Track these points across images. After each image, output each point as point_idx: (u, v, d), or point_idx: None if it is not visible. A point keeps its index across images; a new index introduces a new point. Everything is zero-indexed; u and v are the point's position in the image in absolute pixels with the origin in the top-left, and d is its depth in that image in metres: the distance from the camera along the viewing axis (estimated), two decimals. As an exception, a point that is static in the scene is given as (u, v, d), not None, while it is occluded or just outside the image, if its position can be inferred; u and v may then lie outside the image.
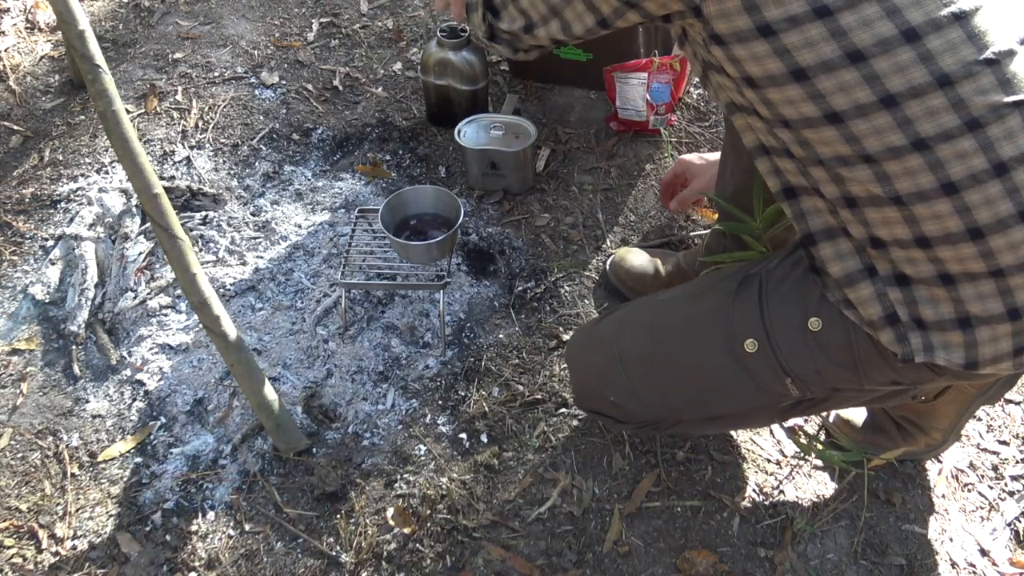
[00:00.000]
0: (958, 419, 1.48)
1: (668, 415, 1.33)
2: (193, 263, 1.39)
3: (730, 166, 1.51)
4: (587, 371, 1.37)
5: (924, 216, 0.93)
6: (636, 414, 1.32)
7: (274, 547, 1.46)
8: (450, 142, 2.22)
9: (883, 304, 1.00)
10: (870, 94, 0.90)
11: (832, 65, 0.90)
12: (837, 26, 0.89)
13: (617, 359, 1.29)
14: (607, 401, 1.32)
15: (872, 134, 0.92)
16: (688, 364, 1.23)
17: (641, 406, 1.30)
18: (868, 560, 1.44)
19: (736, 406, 1.28)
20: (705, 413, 1.34)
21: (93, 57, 1.28)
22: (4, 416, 1.66)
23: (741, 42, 0.94)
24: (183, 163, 2.17)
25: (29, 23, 2.62)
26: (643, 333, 1.30)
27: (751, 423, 1.46)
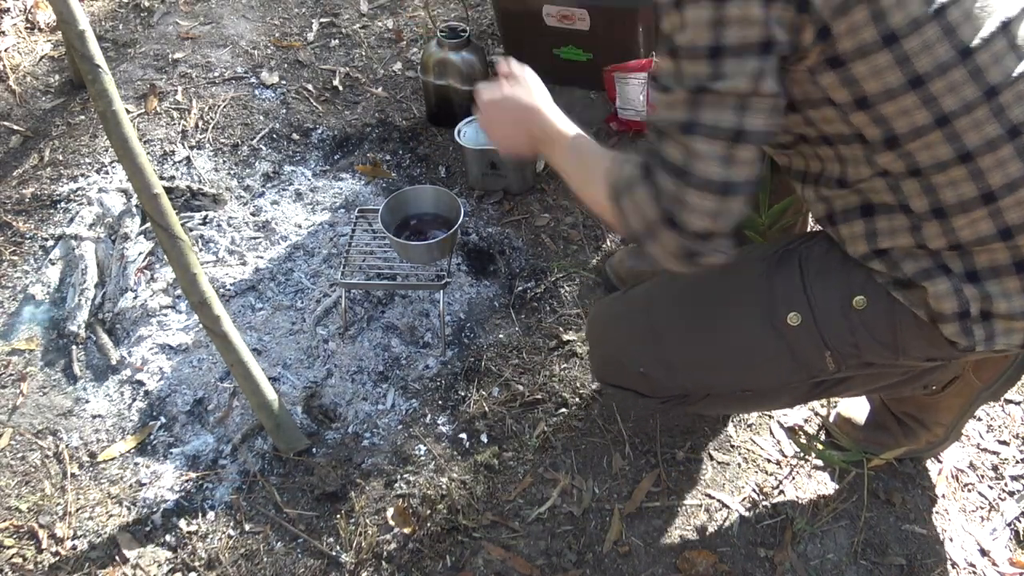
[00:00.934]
0: (961, 415, 1.48)
1: (698, 388, 1.31)
2: (193, 263, 1.39)
3: None
4: (615, 341, 1.33)
5: (1009, 206, 0.98)
6: (665, 386, 1.30)
7: (274, 547, 1.46)
8: (450, 142, 2.22)
9: (959, 300, 1.03)
10: (975, 90, 0.95)
11: (945, 66, 0.94)
12: (947, 23, 0.94)
13: (649, 328, 1.28)
14: (635, 373, 1.29)
15: (972, 128, 0.96)
16: (726, 334, 1.22)
17: (672, 377, 1.28)
18: (868, 560, 1.44)
19: (770, 379, 1.27)
20: (736, 385, 1.31)
21: (93, 57, 1.28)
22: (4, 416, 1.66)
23: (863, 57, 0.95)
24: (183, 163, 2.17)
25: (29, 23, 2.62)
26: (676, 303, 1.28)
27: (778, 401, 1.43)
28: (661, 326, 1.28)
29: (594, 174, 1.10)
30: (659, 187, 0.98)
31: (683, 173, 0.96)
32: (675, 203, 0.97)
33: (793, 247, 1.20)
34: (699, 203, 0.96)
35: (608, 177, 1.05)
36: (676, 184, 0.97)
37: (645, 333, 1.28)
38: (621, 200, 1.03)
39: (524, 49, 2.34)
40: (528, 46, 2.31)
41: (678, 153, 0.97)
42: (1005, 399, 1.69)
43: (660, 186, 0.98)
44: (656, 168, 0.99)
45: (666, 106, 0.98)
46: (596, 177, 1.09)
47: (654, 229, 1.00)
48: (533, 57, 2.33)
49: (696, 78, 0.94)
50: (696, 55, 0.93)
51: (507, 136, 1.30)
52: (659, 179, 0.98)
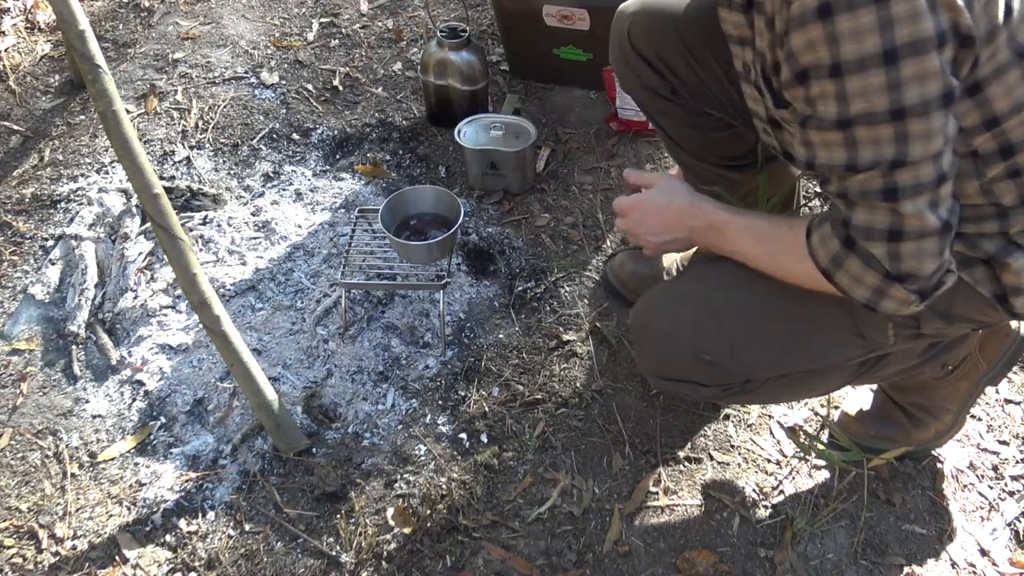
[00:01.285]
0: (966, 400, 1.50)
1: (761, 371, 1.27)
2: (193, 263, 1.39)
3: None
4: (673, 330, 1.27)
5: None
6: (729, 373, 1.25)
7: (274, 547, 1.46)
8: (450, 142, 2.22)
9: None
10: None
11: None
12: None
13: (710, 312, 1.24)
14: (700, 361, 1.24)
15: None
16: (792, 311, 1.21)
17: (737, 362, 1.24)
18: (868, 560, 1.44)
19: (832, 356, 1.26)
20: (800, 365, 1.28)
21: (93, 57, 1.28)
22: (4, 416, 1.66)
23: (998, 76, 0.96)
24: (183, 163, 2.17)
25: (29, 23, 2.62)
26: (735, 284, 1.24)
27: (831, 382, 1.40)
28: (724, 310, 1.24)
29: (785, 249, 1.12)
30: (871, 254, 0.99)
31: (895, 234, 0.96)
32: (895, 260, 0.98)
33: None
34: (921, 249, 0.97)
35: (815, 257, 1.06)
36: (890, 245, 0.97)
37: (707, 318, 1.24)
38: (835, 277, 1.04)
39: (524, 49, 2.34)
40: (528, 46, 2.31)
41: (884, 217, 0.96)
42: (1005, 399, 1.69)
43: (872, 252, 0.99)
44: (859, 238, 0.99)
45: (857, 182, 0.96)
46: (788, 252, 1.11)
47: (882, 290, 1.01)
48: (533, 57, 2.36)
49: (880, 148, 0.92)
50: (875, 122, 0.91)
51: (664, 236, 1.29)
52: (868, 247, 0.99)
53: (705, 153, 1.57)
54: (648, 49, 1.44)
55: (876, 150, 0.93)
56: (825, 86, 0.92)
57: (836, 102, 0.92)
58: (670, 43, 1.42)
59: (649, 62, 1.45)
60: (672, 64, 1.43)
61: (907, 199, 0.94)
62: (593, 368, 1.72)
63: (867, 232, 0.98)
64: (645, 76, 1.47)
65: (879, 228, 0.97)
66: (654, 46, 1.44)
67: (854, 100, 0.91)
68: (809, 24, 0.90)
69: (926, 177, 0.93)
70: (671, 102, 1.49)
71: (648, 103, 1.54)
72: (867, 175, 0.95)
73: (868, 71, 0.88)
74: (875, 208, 0.97)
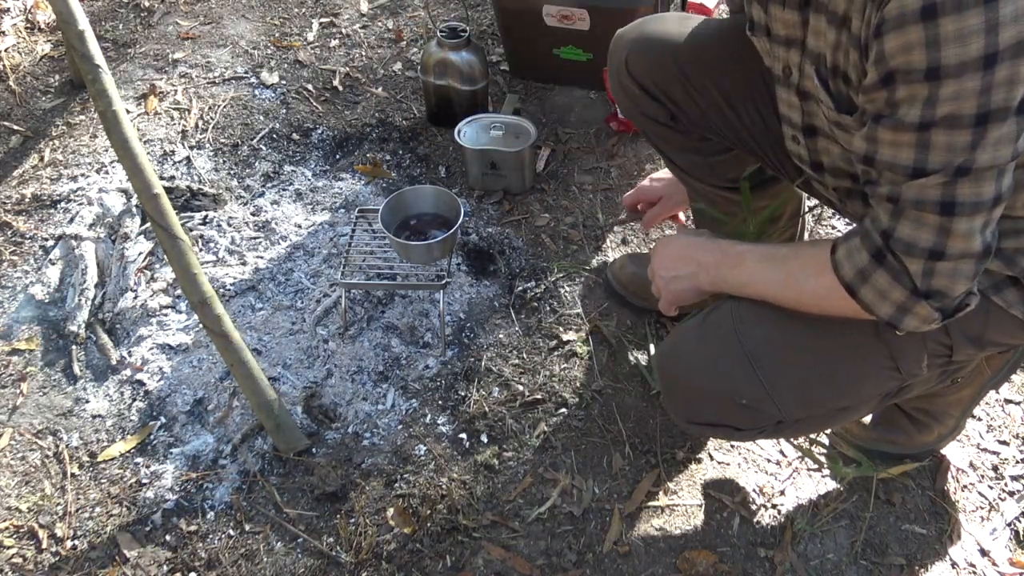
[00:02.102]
0: (970, 404, 1.50)
1: (799, 410, 1.21)
2: (193, 263, 1.39)
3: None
4: (707, 377, 1.20)
5: None
6: (767, 415, 1.19)
7: (274, 547, 1.46)
8: (450, 142, 2.22)
9: None
10: None
11: None
12: None
13: (742, 354, 1.16)
14: (735, 405, 1.18)
15: None
16: (826, 346, 1.16)
17: (773, 404, 1.17)
18: (868, 560, 1.44)
19: (868, 390, 1.21)
20: (836, 402, 1.23)
21: (93, 57, 1.28)
22: (4, 416, 1.66)
23: None
24: (183, 163, 2.17)
25: (29, 23, 2.62)
26: (767, 323, 1.17)
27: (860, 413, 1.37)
28: (758, 350, 1.16)
29: (804, 267, 1.09)
30: (904, 268, 0.96)
31: (937, 254, 0.93)
32: (928, 277, 0.95)
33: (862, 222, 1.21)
34: (958, 269, 0.94)
35: (839, 271, 1.02)
36: (928, 263, 0.94)
37: (741, 361, 1.16)
38: (859, 291, 1.01)
39: (524, 49, 2.34)
40: (528, 46, 2.31)
41: (929, 235, 0.93)
42: (1005, 399, 1.69)
43: (907, 267, 0.96)
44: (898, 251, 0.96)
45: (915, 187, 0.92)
46: (807, 268, 1.08)
47: (907, 306, 0.98)
48: (533, 57, 2.36)
49: (952, 154, 0.88)
50: (957, 126, 0.87)
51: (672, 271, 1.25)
52: (904, 261, 0.96)
53: (710, 176, 1.55)
54: (646, 77, 1.43)
55: (948, 155, 0.89)
56: (916, 89, 0.87)
57: (923, 105, 0.88)
58: (668, 71, 1.40)
59: (647, 90, 1.44)
60: (670, 92, 1.42)
61: (963, 216, 0.91)
62: (593, 368, 1.72)
63: (908, 247, 0.95)
64: (643, 104, 1.46)
65: (922, 245, 0.94)
66: (651, 74, 1.42)
67: (943, 104, 0.86)
68: (909, 25, 0.85)
69: (987, 194, 0.90)
70: (671, 128, 1.48)
71: (648, 129, 1.53)
72: (927, 180, 0.91)
73: (965, 75, 0.84)
74: (923, 223, 0.93)
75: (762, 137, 1.40)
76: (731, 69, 1.36)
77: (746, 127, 1.39)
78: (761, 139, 1.40)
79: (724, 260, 1.18)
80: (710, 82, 1.38)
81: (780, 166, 1.43)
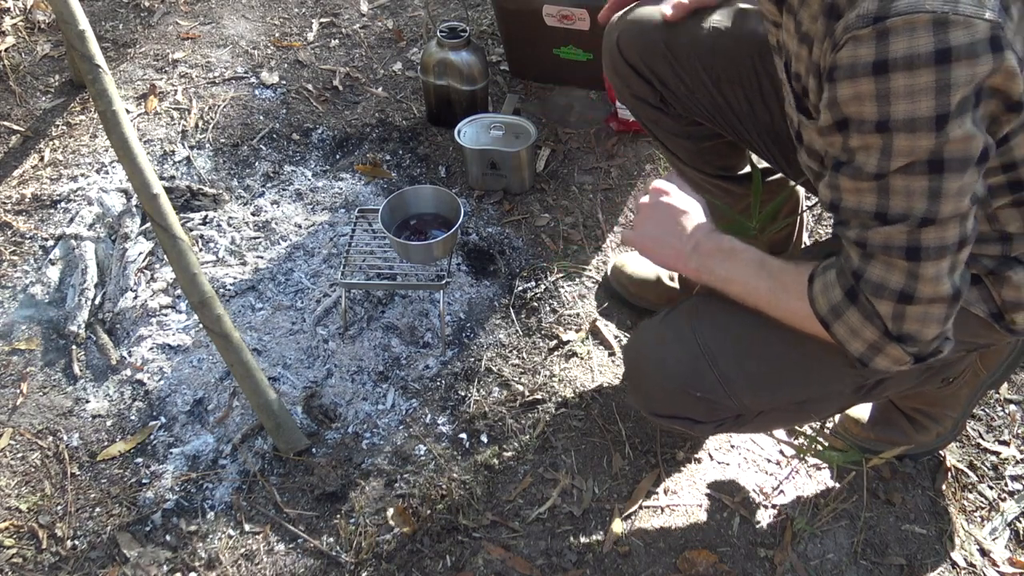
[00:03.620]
0: (968, 404, 1.50)
1: (755, 404, 1.24)
2: (193, 263, 1.39)
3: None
4: (664, 368, 1.24)
5: None
6: (722, 408, 1.23)
7: (274, 547, 1.46)
8: (450, 142, 2.22)
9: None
10: None
11: None
12: None
13: (699, 348, 1.20)
14: (691, 398, 1.22)
15: None
16: (783, 343, 1.18)
17: (729, 397, 1.21)
18: (868, 560, 1.44)
19: (827, 386, 1.23)
20: (794, 397, 1.26)
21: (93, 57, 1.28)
22: (4, 416, 1.66)
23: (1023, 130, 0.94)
24: (183, 163, 2.17)
25: (29, 23, 2.62)
26: (727, 321, 1.21)
27: (826, 411, 1.38)
28: (715, 345, 1.20)
29: (787, 286, 1.08)
30: (875, 310, 0.97)
31: (906, 297, 0.94)
32: (899, 321, 0.96)
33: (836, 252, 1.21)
34: (928, 314, 0.95)
35: (814, 304, 1.03)
36: (897, 306, 0.95)
37: (698, 355, 1.20)
38: (832, 327, 1.02)
39: (524, 49, 2.34)
40: (528, 46, 2.31)
41: (899, 278, 0.94)
42: (1005, 399, 1.69)
43: (877, 309, 0.96)
44: (867, 292, 0.97)
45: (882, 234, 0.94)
46: (791, 288, 1.07)
47: (879, 346, 0.99)
48: (533, 57, 2.36)
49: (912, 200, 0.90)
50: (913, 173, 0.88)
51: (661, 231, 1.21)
52: (875, 304, 0.96)
53: (700, 163, 1.56)
54: (636, 58, 1.44)
55: (908, 203, 0.90)
56: (869, 140, 0.89)
57: (878, 155, 0.89)
58: (657, 52, 1.41)
59: (637, 71, 1.45)
60: (660, 73, 1.42)
61: (929, 261, 0.92)
62: (593, 368, 1.72)
63: (878, 289, 0.96)
64: (634, 85, 1.46)
65: (892, 288, 0.95)
66: (642, 55, 1.43)
67: (897, 157, 0.88)
68: (861, 78, 0.86)
69: (951, 239, 0.91)
70: (661, 111, 1.48)
71: (639, 112, 1.53)
72: (893, 228, 0.92)
73: (918, 132, 0.85)
74: (892, 266, 0.94)
75: (750, 123, 1.41)
76: (720, 52, 1.38)
77: (735, 112, 1.40)
78: (749, 125, 1.41)
79: (719, 250, 1.16)
80: (699, 64, 1.39)
81: (768, 154, 1.44)
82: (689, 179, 1.61)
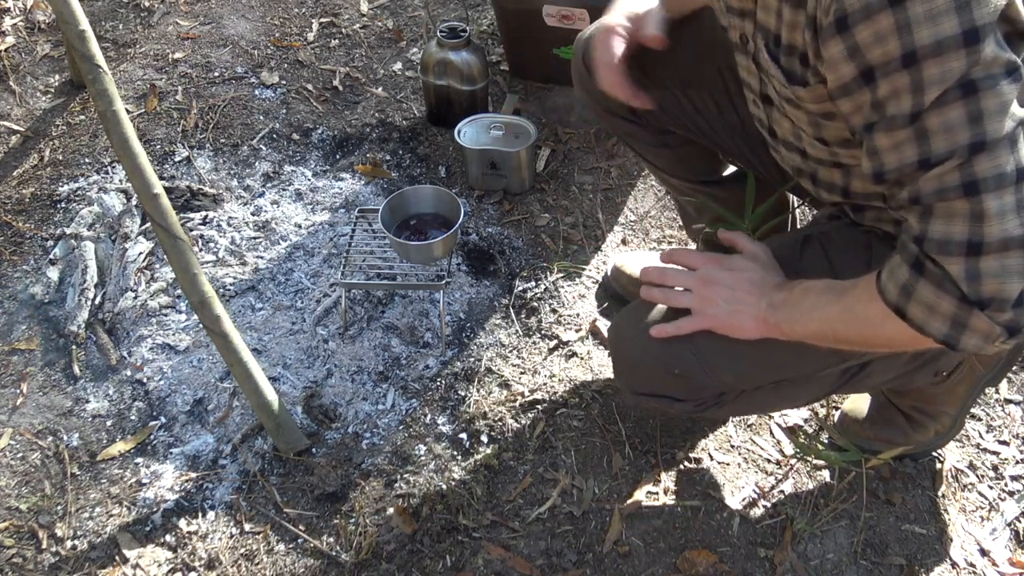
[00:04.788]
0: (965, 402, 1.49)
1: (734, 382, 1.24)
2: (193, 263, 1.39)
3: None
4: (644, 346, 1.23)
5: None
6: (701, 386, 1.23)
7: (274, 547, 1.46)
8: (450, 142, 2.22)
9: None
10: None
11: None
12: None
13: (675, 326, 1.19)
14: (670, 375, 1.21)
15: None
16: None
17: (708, 375, 1.20)
18: (868, 560, 1.44)
19: (805, 365, 1.21)
20: (773, 376, 1.24)
21: (93, 57, 1.28)
22: (4, 416, 1.66)
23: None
24: (183, 163, 2.17)
25: (29, 23, 2.62)
26: None
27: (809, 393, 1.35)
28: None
29: (862, 297, 0.99)
30: (946, 272, 0.88)
31: (975, 246, 0.86)
32: (974, 281, 0.86)
33: (809, 232, 1.22)
34: (1005, 266, 0.86)
35: (884, 294, 0.94)
36: (969, 260, 0.86)
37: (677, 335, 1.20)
38: (907, 310, 0.92)
39: (524, 49, 2.34)
40: (528, 46, 2.31)
41: (961, 226, 0.86)
42: (1005, 399, 1.69)
43: (948, 270, 0.87)
44: (933, 253, 0.88)
45: (933, 179, 0.87)
46: (865, 299, 0.98)
47: (961, 319, 0.89)
48: (533, 57, 2.36)
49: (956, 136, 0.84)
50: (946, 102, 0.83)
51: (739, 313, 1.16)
52: (944, 264, 0.88)
53: (681, 170, 1.56)
54: None
55: (951, 138, 0.84)
56: (897, 81, 0.85)
57: (911, 95, 0.84)
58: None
59: None
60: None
61: (989, 193, 0.84)
62: (593, 368, 1.72)
63: (943, 246, 0.87)
64: (602, 99, 1.44)
65: (957, 240, 0.86)
66: None
67: (930, 89, 0.83)
68: (878, 14, 0.83)
69: (1007, 166, 0.84)
70: (635, 124, 1.47)
71: (615, 127, 1.52)
72: (943, 168, 0.85)
73: (946, 54, 0.81)
74: (954, 216, 0.87)
75: (719, 126, 1.41)
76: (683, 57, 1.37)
77: (704, 116, 1.41)
78: (719, 128, 1.41)
79: (790, 295, 1.10)
80: (664, 72, 1.39)
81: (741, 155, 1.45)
82: (674, 187, 1.63)
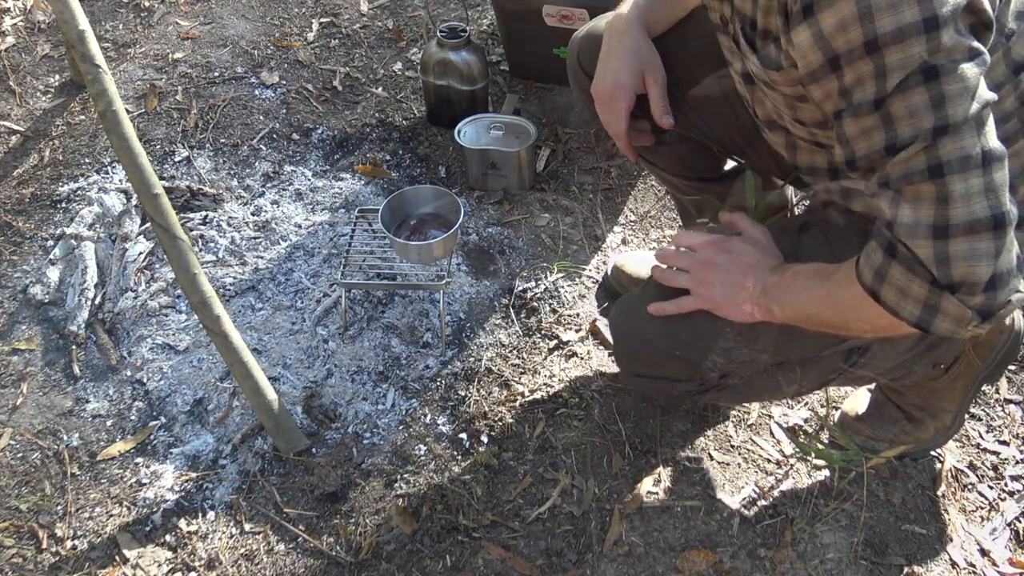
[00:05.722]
0: (964, 399, 1.49)
1: (735, 365, 1.23)
2: (193, 263, 1.39)
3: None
4: (645, 326, 1.24)
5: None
6: (701, 367, 1.22)
7: (274, 547, 1.46)
8: (450, 142, 2.22)
9: None
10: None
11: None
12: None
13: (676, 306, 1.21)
14: (670, 357, 1.22)
15: None
16: None
17: (708, 355, 1.21)
18: (868, 560, 1.44)
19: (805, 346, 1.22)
20: (774, 357, 1.24)
21: (93, 57, 1.28)
22: (4, 416, 1.66)
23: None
24: (183, 163, 2.17)
25: (29, 23, 2.62)
26: None
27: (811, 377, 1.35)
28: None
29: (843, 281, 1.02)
30: (915, 256, 0.90)
31: (941, 229, 0.87)
32: (943, 264, 0.88)
33: (809, 219, 1.22)
34: (974, 249, 0.87)
35: (861, 277, 0.97)
36: (937, 244, 0.88)
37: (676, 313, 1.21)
38: (881, 293, 0.94)
39: (524, 49, 2.34)
40: (528, 46, 2.31)
41: (928, 209, 0.88)
42: (1005, 399, 1.69)
43: (917, 254, 0.89)
44: (903, 237, 0.90)
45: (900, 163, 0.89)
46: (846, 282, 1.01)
47: (932, 302, 0.90)
48: (533, 57, 2.36)
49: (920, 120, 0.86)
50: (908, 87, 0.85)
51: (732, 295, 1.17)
52: (913, 247, 0.90)
53: (680, 168, 1.56)
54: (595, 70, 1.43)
55: (914, 123, 0.86)
56: (861, 68, 0.87)
57: (874, 81, 0.86)
58: None
59: None
60: None
61: (955, 175, 0.86)
62: (593, 368, 1.72)
63: (911, 230, 0.89)
64: None
65: (924, 223, 0.88)
66: None
67: (892, 74, 0.85)
68: (840, 1, 0.85)
69: (972, 148, 0.86)
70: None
71: None
72: (908, 152, 0.87)
73: (907, 40, 0.83)
74: (921, 199, 0.88)
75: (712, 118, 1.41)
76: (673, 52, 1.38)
77: (696, 110, 1.40)
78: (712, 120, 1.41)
79: (782, 279, 1.12)
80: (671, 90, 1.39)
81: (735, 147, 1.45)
82: (673, 186, 1.63)
